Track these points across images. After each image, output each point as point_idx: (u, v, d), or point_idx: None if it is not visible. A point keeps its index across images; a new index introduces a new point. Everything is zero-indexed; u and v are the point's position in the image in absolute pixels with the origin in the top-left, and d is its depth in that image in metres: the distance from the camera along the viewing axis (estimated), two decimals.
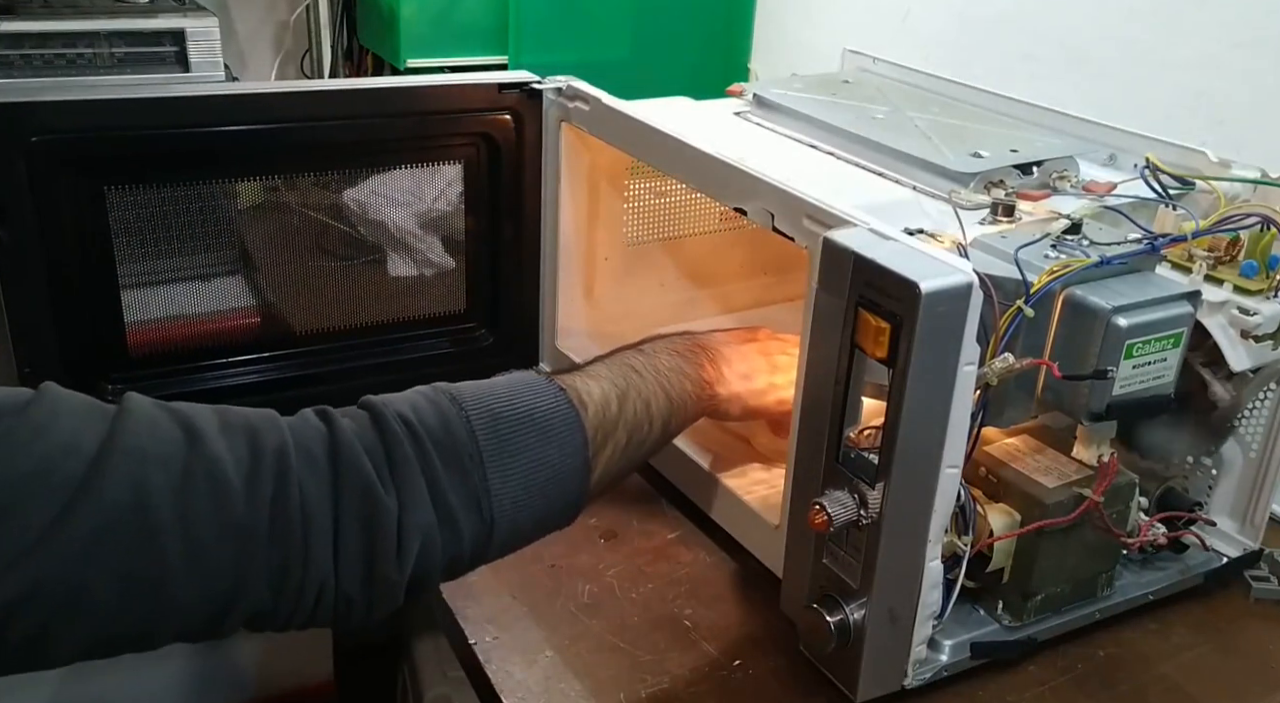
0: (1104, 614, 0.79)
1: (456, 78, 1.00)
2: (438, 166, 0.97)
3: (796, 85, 1.03)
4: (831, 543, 0.68)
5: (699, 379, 0.76)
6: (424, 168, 0.97)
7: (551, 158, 0.97)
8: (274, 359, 0.96)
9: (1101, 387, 0.68)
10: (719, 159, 0.78)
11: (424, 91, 0.93)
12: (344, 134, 0.91)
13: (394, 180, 0.97)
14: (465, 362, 0.99)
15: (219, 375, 0.94)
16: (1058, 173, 0.84)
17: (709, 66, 1.61)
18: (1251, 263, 0.75)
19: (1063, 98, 0.97)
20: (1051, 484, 0.73)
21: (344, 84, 0.98)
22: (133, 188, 0.85)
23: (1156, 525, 0.80)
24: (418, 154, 0.96)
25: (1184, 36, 1.08)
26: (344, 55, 1.60)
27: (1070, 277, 0.68)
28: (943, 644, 0.73)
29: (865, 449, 0.65)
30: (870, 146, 0.89)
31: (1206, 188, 0.80)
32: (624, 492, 0.92)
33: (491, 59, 1.51)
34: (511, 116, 0.95)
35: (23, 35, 1.19)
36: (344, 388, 0.67)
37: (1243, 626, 0.82)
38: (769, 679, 0.74)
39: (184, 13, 1.28)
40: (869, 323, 0.61)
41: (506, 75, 0.95)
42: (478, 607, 0.79)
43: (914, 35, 1.39)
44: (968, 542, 0.71)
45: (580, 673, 0.73)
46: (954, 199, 0.80)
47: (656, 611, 0.80)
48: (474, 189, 0.97)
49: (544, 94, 0.95)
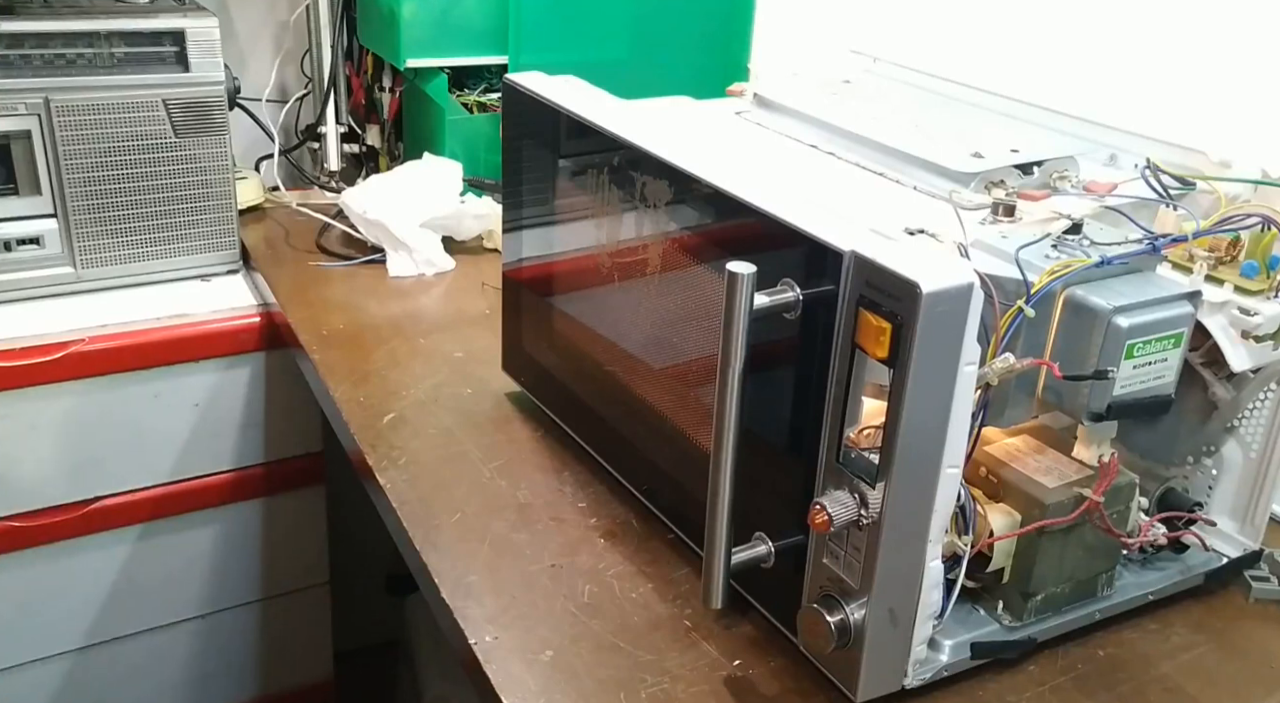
0: (1104, 614, 0.79)
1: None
2: None
3: (797, 85, 1.03)
4: (832, 543, 0.68)
5: None
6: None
7: None
8: None
9: (1102, 387, 0.68)
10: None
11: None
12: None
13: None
14: None
15: None
16: (1058, 173, 0.84)
17: (709, 66, 1.60)
18: (1252, 263, 0.75)
19: (1063, 98, 0.97)
20: (1052, 484, 0.73)
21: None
22: None
23: (1156, 525, 0.80)
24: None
25: (1184, 36, 1.07)
26: (344, 55, 1.60)
27: (1071, 277, 0.68)
28: (943, 644, 0.73)
29: (865, 449, 0.65)
30: (871, 146, 0.89)
31: (1207, 188, 0.80)
32: (624, 491, 0.92)
33: (492, 59, 1.51)
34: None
35: (23, 35, 1.19)
36: None
37: (1243, 626, 0.82)
38: (769, 679, 0.74)
39: (184, 13, 1.28)
40: (869, 323, 0.61)
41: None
42: (478, 607, 0.79)
43: (915, 35, 1.38)
44: (968, 542, 0.71)
45: (580, 673, 0.73)
46: (954, 199, 0.80)
47: (656, 611, 0.80)
48: None
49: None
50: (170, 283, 1.33)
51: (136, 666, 1.42)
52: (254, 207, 1.53)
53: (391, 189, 1.38)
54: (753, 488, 0.71)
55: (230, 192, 1.34)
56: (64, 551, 1.30)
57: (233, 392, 1.34)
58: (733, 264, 0.63)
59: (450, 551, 0.85)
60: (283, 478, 1.42)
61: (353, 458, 1.01)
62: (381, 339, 1.19)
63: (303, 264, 1.38)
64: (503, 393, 1.08)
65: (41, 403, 1.23)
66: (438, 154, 1.45)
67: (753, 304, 0.64)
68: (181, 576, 1.40)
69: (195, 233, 1.33)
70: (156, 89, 1.26)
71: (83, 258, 1.28)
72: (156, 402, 1.29)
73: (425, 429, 1.01)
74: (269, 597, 1.48)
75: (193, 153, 1.29)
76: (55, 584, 1.31)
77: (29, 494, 1.26)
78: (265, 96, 1.61)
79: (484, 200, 1.41)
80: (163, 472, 1.33)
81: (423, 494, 0.92)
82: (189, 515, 1.37)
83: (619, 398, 0.90)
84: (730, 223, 0.74)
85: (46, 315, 1.24)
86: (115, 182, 1.26)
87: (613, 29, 1.54)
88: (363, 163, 1.68)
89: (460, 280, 1.36)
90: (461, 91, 1.52)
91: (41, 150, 1.22)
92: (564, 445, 0.99)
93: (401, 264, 1.36)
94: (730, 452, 0.67)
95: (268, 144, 1.57)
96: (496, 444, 1.00)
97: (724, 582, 0.69)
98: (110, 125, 1.24)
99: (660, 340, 0.83)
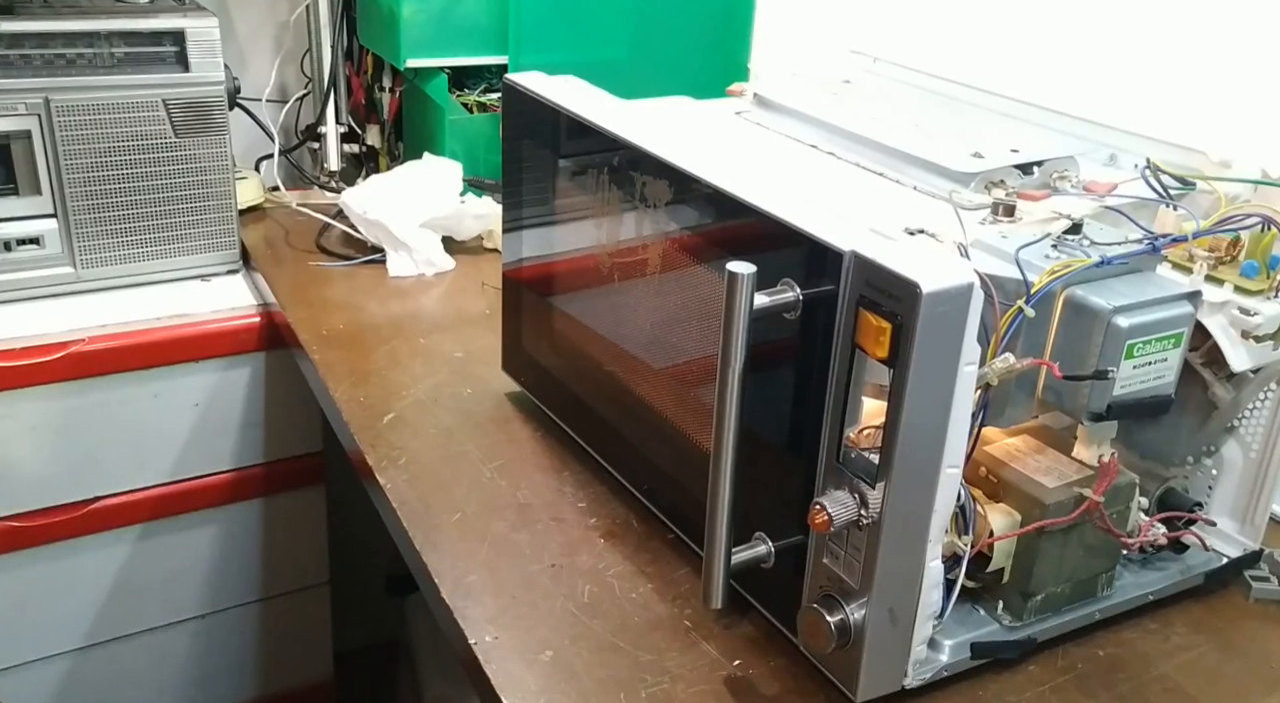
0: (1104, 614, 0.79)
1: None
2: None
3: (797, 85, 1.03)
4: (832, 543, 0.68)
5: None
6: None
7: None
8: None
9: (1102, 387, 0.68)
10: None
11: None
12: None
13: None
14: None
15: None
16: (1058, 173, 0.84)
17: (709, 66, 1.60)
18: (1252, 263, 0.75)
19: (1063, 98, 0.97)
20: (1052, 484, 0.73)
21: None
22: None
23: (1156, 525, 0.80)
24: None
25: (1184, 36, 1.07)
26: (344, 55, 1.60)
27: (1071, 277, 0.68)
28: (943, 644, 0.73)
29: (865, 449, 0.65)
30: (871, 146, 0.89)
31: (1207, 188, 0.80)
32: (624, 491, 0.92)
33: (492, 59, 1.51)
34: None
35: (23, 35, 1.19)
36: None
37: (1243, 626, 0.82)
38: (769, 679, 0.74)
39: (184, 13, 1.28)
40: (869, 323, 0.61)
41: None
42: (478, 607, 0.79)
43: (915, 35, 1.38)
44: (968, 542, 0.71)
45: (580, 673, 0.73)
46: (954, 199, 0.80)
47: (656, 611, 0.80)
48: None
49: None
50: (170, 283, 1.33)
51: (136, 666, 1.42)
52: (254, 207, 1.53)
53: (391, 189, 1.38)
54: (753, 488, 0.71)
55: (230, 192, 1.34)
56: (64, 551, 1.30)
57: (233, 392, 1.34)
58: (733, 264, 0.63)
59: (450, 551, 0.85)
60: (283, 478, 1.42)
61: (353, 458, 1.01)
62: (381, 339, 1.19)
63: (303, 264, 1.38)
64: (503, 393, 1.08)
65: (41, 403, 1.23)
66: (438, 154, 1.45)
67: (753, 304, 0.64)
68: (181, 576, 1.40)
69: (195, 233, 1.33)
70: (156, 89, 1.26)
71: (83, 258, 1.28)
72: (156, 402, 1.29)
73: (425, 429, 1.01)
74: (269, 597, 1.48)
75: (193, 153, 1.29)
76: (55, 584, 1.31)
77: (29, 494, 1.26)
78: (265, 96, 1.61)
79: (484, 200, 1.41)
80: (163, 472, 1.33)
81: (423, 494, 0.92)
82: (189, 515, 1.37)
83: (619, 398, 0.90)
84: (730, 223, 0.74)
85: (46, 315, 1.24)
86: (115, 182, 1.26)
87: (613, 29, 1.54)
88: (363, 163, 1.68)
89: (460, 280, 1.36)
90: (461, 91, 1.52)
91: (41, 150, 1.22)
92: (564, 445, 0.99)
93: (401, 264, 1.36)
94: (730, 452, 0.67)
95: (268, 144, 1.57)
96: (496, 444, 1.00)
97: (724, 582, 0.69)
98: (110, 125, 1.24)
99: (660, 340, 0.83)
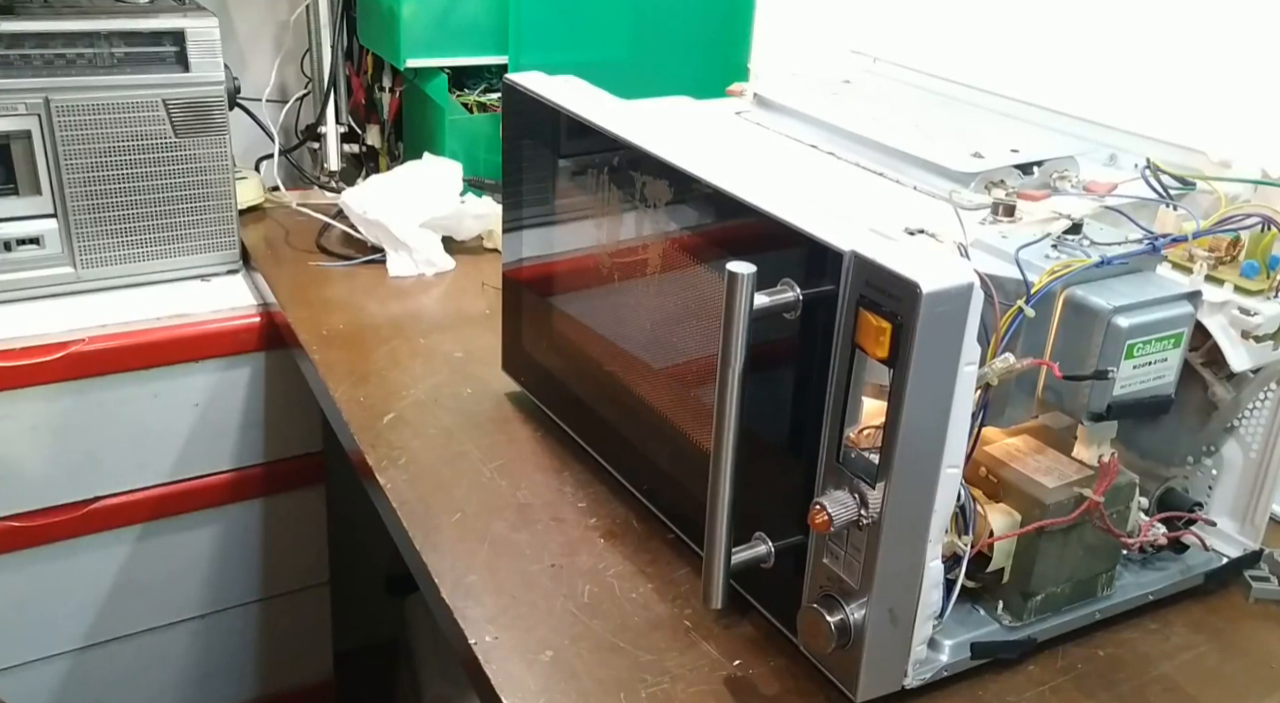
0: (1104, 614, 0.79)
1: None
2: None
3: (797, 85, 1.03)
4: (832, 543, 0.68)
5: None
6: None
7: None
8: None
9: (1102, 387, 0.68)
10: None
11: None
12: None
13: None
14: None
15: None
16: (1058, 173, 0.84)
17: (709, 66, 1.60)
18: (1252, 263, 0.75)
19: (1063, 98, 0.97)
20: (1051, 484, 0.73)
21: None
22: None
23: (1156, 525, 0.80)
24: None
25: (1184, 36, 1.07)
26: (344, 55, 1.60)
27: (1071, 277, 0.68)
28: (943, 644, 0.73)
29: (865, 449, 0.65)
30: (871, 146, 0.89)
31: (1207, 188, 0.80)
32: (624, 491, 0.92)
33: (491, 59, 1.51)
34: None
35: (23, 35, 1.19)
36: None
37: (1243, 626, 0.82)
38: (769, 679, 0.74)
39: (184, 13, 1.28)
40: (869, 323, 0.61)
41: None
42: (478, 607, 0.79)
43: (915, 35, 1.38)
44: (968, 542, 0.71)
45: (580, 673, 0.73)
46: (954, 199, 0.80)
47: (656, 611, 0.80)
48: None
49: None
50: (170, 283, 1.33)
51: (136, 666, 1.42)
52: (254, 207, 1.53)
53: (391, 189, 1.38)
54: (753, 488, 0.70)
55: (230, 192, 1.34)
56: (64, 551, 1.30)
57: (233, 392, 1.34)
58: (733, 264, 0.63)
59: (450, 551, 0.85)
60: (283, 478, 1.42)
61: (353, 458, 1.01)
62: (381, 339, 1.19)
63: (303, 264, 1.38)
64: (503, 393, 1.08)
65: (41, 403, 1.23)
66: (438, 154, 1.45)
67: (753, 304, 0.64)
68: (181, 576, 1.40)
69: (195, 233, 1.33)
70: (156, 89, 1.26)
71: (83, 258, 1.28)
72: (156, 402, 1.29)
73: (425, 429, 1.01)
74: (269, 597, 1.48)
75: (193, 153, 1.29)
76: (55, 584, 1.31)
77: (29, 494, 1.26)
78: (265, 96, 1.61)
79: (484, 200, 1.41)
80: (162, 472, 1.33)
81: (423, 494, 0.92)
82: (189, 516, 1.37)
83: (619, 398, 0.90)
84: (730, 223, 0.74)
85: (46, 315, 1.24)
86: (115, 182, 1.26)
87: (613, 29, 1.54)
88: (363, 163, 1.68)
89: (460, 280, 1.36)
90: (461, 91, 1.52)
91: (41, 150, 1.22)
92: (564, 445, 0.99)
93: (401, 264, 1.36)
94: (730, 452, 0.67)
95: (268, 144, 1.57)
96: (496, 444, 1.00)
97: (724, 582, 0.69)
98: (110, 125, 1.24)
99: (660, 340, 0.83)
